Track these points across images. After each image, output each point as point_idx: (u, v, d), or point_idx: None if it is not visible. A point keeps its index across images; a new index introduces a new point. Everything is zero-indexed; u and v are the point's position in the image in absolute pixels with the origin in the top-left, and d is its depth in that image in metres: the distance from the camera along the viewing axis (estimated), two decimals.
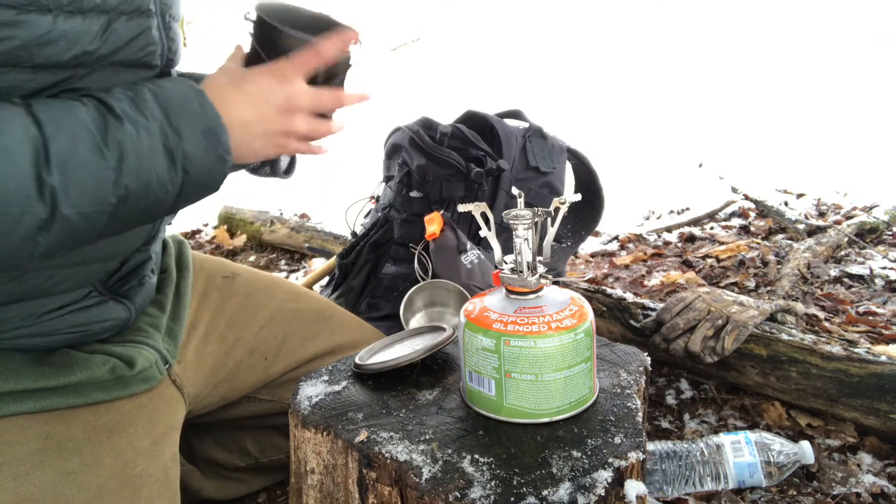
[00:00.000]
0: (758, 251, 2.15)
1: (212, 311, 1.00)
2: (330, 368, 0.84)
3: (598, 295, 1.52)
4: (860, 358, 1.20)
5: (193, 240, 2.79)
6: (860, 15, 5.68)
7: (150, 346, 0.86)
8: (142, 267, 0.87)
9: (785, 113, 3.99)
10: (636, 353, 0.84)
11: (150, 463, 0.80)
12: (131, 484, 0.77)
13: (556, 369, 0.67)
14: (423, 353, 0.80)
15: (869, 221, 2.30)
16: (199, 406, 0.96)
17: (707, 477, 1.05)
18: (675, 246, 2.39)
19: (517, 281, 0.71)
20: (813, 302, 1.73)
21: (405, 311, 1.28)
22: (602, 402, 0.73)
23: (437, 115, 1.49)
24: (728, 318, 1.28)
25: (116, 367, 0.80)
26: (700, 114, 4.17)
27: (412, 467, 0.62)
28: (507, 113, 1.58)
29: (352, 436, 0.67)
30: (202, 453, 1.10)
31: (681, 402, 1.34)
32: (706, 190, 2.91)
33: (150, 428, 0.83)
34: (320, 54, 0.74)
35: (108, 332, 0.84)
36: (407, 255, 1.41)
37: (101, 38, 0.68)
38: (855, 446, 1.16)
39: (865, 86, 4.30)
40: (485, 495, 0.58)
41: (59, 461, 0.73)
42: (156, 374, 0.85)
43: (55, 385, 0.75)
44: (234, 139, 0.71)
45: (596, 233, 2.52)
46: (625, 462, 0.62)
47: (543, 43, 6.40)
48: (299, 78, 0.74)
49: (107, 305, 0.82)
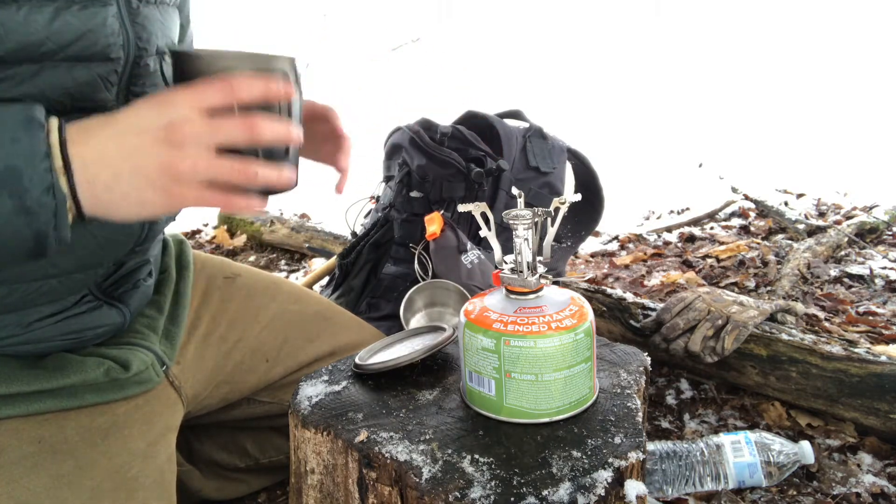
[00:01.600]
0: (758, 251, 2.15)
1: (212, 312, 1.00)
2: (330, 368, 0.84)
3: (598, 295, 1.52)
4: (860, 358, 1.20)
5: (193, 240, 2.79)
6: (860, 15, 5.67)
7: (146, 348, 0.84)
8: (137, 270, 0.85)
9: (785, 113, 3.99)
10: (636, 353, 0.84)
11: (145, 465, 0.80)
12: (126, 486, 0.76)
13: (556, 369, 0.67)
14: (423, 353, 0.80)
15: (869, 221, 2.30)
16: (198, 407, 0.96)
17: (707, 477, 1.05)
18: (675, 246, 2.39)
19: (517, 281, 0.71)
20: (813, 302, 1.73)
21: (405, 311, 1.28)
22: (602, 402, 0.73)
23: (437, 116, 1.49)
24: (728, 318, 1.28)
25: (111, 370, 0.78)
26: (700, 114, 4.17)
27: (412, 467, 0.62)
28: (507, 113, 1.58)
29: (352, 436, 0.67)
30: (202, 454, 1.10)
31: (681, 402, 1.34)
32: (706, 190, 2.92)
33: (145, 430, 0.82)
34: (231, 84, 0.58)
35: (102, 338, 0.82)
36: (407, 255, 1.41)
37: (47, 28, 0.61)
38: (855, 446, 1.16)
39: (865, 86, 4.30)
40: (485, 495, 0.58)
41: (53, 464, 0.72)
42: (152, 377, 0.84)
43: (48, 388, 0.74)
44: (89, 182, 0.56)
45: (596, 233, 2.52)
46: (625, 462, 0.62)
47: (543, 43, 6.40)
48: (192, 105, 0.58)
49: (100, 311, 0.80)
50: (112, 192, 0.57)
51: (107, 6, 0.65)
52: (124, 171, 0.57)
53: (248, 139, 0.59)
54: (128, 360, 0.80)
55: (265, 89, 0.59)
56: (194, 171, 0.57)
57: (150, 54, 0.73)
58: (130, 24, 0.69)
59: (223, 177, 0.58)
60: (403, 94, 4.89)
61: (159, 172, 0.57)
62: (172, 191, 0.58)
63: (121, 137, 0.57)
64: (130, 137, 0.57)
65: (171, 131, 0.57)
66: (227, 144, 0.58)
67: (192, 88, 0.58)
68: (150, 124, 0.57)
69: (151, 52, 0.73)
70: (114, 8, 0.66)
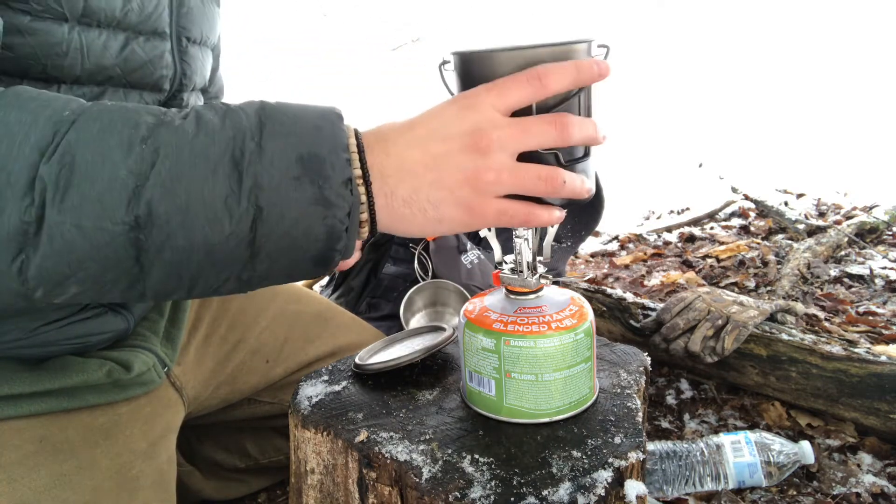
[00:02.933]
0: (758, 251, 2.15)
1: (213, 313, 1.00)
2: (330, 368, 0.84)
3: (598, 295, 1.52)
4: (860, 358, 1.20)
5: None
6: (860, 15, 5.67)
7: (148, 349, 0.84)
8: None
9: (784, 113, 3.99)
10: (636, 353, 0.84)
11: (146, 465, 0.80)
12: (127, 486, 0.77)
13: (556, 369, 0.67)
14: (423, 353, 0.80)
15: (869, 221, 2.30)
16: (199, 408, 0.96)
17: (707, 477, 1.05)
18: (675, 246, 2.39)
19: (517, 281, 0.71)
20: (813, 302, 1.73)
21: (405, 311, 1.28)
22: (602, 402, 0.73)
23: None
24: (728, 318, 1.28)
25: (113, 371, 0.78)
26: (700, 114, 4.17)
27: (412, 467, 0.62)
28: None
29: (352, 436, 0.67)
30: (202, 454, 1.10)
31: (681, 402, 1.34)
32: (706, 190, 2.92)
33: (146, 430, 0.82)
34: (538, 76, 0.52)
35: (106, 343, 0.82)
36: (407, 255, 1.41)
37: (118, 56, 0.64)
38: (855, 446, 1.16)
39: (865, 86, 4.30)
40: (485, 495, 0.58)
41: (54, 463, 0.72)
42: (154, 378, 0.84)
43: (50, 388, 0.74)
44: (387, 195, 0.52)
45: (596, 233, 2.52)
46: (625, 462, 0.62)
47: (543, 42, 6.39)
48: (496, 105, 0.53)
49: (105, 317, 0.79)
50: (410, 207, 0.53)
51: (165, 41, 0.69)
52: (424, 184, 0.52)
53: (558, 141, 0.53)
54: (129, 361, 0.80)
55: (576, 76, 0.53)
56: (498, 182, 0.52)
57: (187, 89, 0.77)
58: (179, 61, 0.72)
59: (527, 187, 0.53)
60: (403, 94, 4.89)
61: (461, 184, 0.52)
62: (473, 205, 0.53)
63: (424, 145, 0.52)
64: (435, 144, 0.52)
65: (478, 137, 0.52)
66: (534, 148, 0.53)
67: (493, 86, 0.53)
68: (456, 130, 0.52)
69: (189, 88, 0.77)
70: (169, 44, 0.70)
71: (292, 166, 0.48)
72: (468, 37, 6.85)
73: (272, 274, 0.51)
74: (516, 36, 6.64)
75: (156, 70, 0.70)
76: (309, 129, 0.49)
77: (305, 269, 0.52)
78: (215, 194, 0.46)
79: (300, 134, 0.49)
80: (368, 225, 0.53)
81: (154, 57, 0.68)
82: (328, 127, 0.50)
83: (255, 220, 0.47)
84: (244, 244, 0.48)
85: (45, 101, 0.47)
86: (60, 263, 0.46)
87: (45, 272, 0.46)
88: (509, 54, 0.55)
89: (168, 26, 0.70)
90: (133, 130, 0.46)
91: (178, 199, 0.46)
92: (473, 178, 0.52)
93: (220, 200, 0.46)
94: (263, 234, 0.48)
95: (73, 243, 0.45)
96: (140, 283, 0.48)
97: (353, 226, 0.51)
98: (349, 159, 0.50)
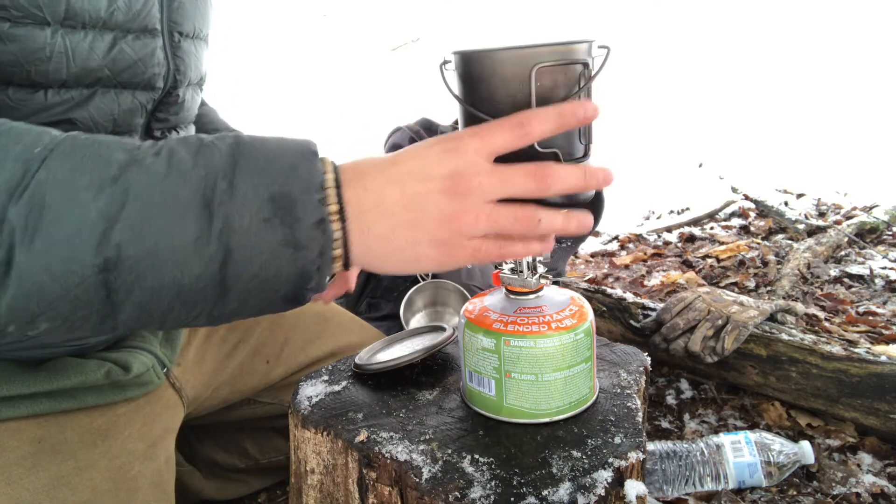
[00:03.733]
0: (758, 251, 2.15)
1: None
2: (330, 368, 0.84)
3: (598, 295, 1.52)
4: (860, 358, 1.20)
5: None
6: (860, 15, 5.67)
7: (147, 350, 0.84)
8: None
9: (784, 113, 3.99)
10: (636, 353, 0.84)
11: (145, 466, 0.80)
12: (126, 487, 0.77)
13: (556, 369, 0.67)
14: (423, 353, 0.80)
15: (869, 221, 2.30)
16: (198, 408, 0.96)
17: (707, 477, 1.05)
18: (675, 246, 2.39)
19: (517, 281, 0.71)
20: (813, 302, 1.73)
21: (405, 311, 1.28)
22: (602, 402, 0.73)
23: (437, 116, 1.49)
24: (728, 318, 1.28)
25: (112, 372, 0.78)
26: (700, 114, 4.17)
27: (412, 467, 0.62)
28: None
29: (352, 436, 0.67)
30: (202, 454, 1.10)
31: (681, 402, 1.34)
32: (706, 190, 2.92)
33: (145, 431, 0.82)
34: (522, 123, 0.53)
35: (104, 345, 0.82)
36: None
37: (106, 56, 0.63)
38: (855, 446, 1.16)
39: (865, 86, 4.30)
40: (485, 495, 0.58)
41: (52, 464, 0.72)
42: (153, 379, 0.84)
43: (49, 389, 0.74)
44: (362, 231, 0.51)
45: (596, 233, 2.52)
46: (625, 462, 0.62)
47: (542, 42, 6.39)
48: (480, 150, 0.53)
49: None
50: (386, 245, 0.52)
51: (155, 38, 0.68)
52: (402, 223, 0.52)
53: (536, 192, 0.53)
54: (128, 362, 0.80)
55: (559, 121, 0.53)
56: (475, 225, 0.53)
57: (182, 85, 0.76)
58: (172, 57, 0.72)
59: (504, 228, 0.54)
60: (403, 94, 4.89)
61: (439, 226, 0.52)
62: (450, 245, 0.53)
63: (403, 184, 0.52)
64: (414, 184, 0.52)
65: (458, 181, 0.52)
66: (512, 197, 0.53)
67: (477, 131, 0.53)
68: (437, 171, 0.52)
69: (184, 84, 0.76)
70: (160, 40, 0.69)
71: (264, 206, 0.47)
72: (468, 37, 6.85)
73: (243, 311, 0.51)
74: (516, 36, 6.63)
75: (147, 68, 0.68)
76: (283, 168, 0.49)
77: (277, 307, 0.52)
78: (185, 237, 0.46)
79: (273, 172, 0.48)
80: (342, 260, 0.52)
81: (144, 55, 0.67)
82: (304, 165, 0.49)
83: (225, 261, 0.47)
84: (214, 284, 0.48)
85: (15, 136, 0.47)
86: (30, 303, 0.46)
87: (15, 311, 0.46)
88: (510, 53, 0.56)
89: (159, 22, 0.69)
90: (104, 169, 0.46)
91: (148, 241, 0.46)
92: (451, 220, 0.52)
93: (189, 242, 0.46)
94: (233, 274, 0.48)
95: (42, 285, 0.45)
96: (111, 319, 0.48)
97: (325, 264, 0.50)
98: (322, 198, 0.49)
